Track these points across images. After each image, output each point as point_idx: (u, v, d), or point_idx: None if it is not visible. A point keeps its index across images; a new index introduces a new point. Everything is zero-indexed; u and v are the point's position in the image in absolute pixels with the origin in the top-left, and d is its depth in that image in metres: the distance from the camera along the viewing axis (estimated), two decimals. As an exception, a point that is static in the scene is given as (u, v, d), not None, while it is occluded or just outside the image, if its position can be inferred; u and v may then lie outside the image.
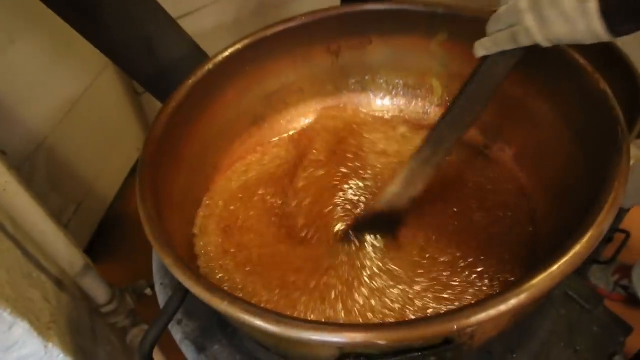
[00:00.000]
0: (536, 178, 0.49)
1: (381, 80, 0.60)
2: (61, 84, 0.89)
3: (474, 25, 0.51)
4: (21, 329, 0.39)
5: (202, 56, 0.63)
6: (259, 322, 0.31)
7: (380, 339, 0.28)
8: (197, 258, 0.48)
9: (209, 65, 0.52)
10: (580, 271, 0.83)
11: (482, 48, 0.41)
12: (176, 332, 0.46)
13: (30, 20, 0.77)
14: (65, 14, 0.54)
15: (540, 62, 0.47)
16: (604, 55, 0.80)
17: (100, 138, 1.01)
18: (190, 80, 0.50)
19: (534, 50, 0.37)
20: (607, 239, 0.83)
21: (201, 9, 0.98)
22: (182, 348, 0.45)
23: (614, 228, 0.82)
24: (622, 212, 0.81)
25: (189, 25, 0.99)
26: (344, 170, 0.53)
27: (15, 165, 0.81)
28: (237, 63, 0.54)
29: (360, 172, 0.53)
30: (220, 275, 0.46)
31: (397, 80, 0.60)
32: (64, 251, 0.52)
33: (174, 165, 0.48)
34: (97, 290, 0.58)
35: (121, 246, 1.05)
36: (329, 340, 0.29)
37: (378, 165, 0.54)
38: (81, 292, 0.61)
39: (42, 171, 0.87)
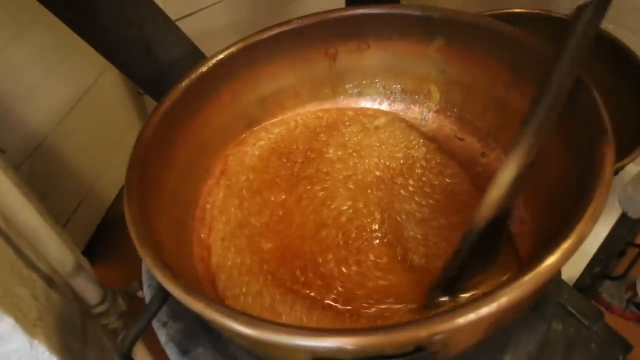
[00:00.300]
0: (530, 189, 0.50)
1: (379, 85, 0.62)
2: (63, 83, 0.93)
3: (470, 31, 0.53)
4: (7, 324, 0.42)
5: (201, 58, 0.65)
6: (232, 325, 0.32)
7: (347, 344, 0.30)
8: (210, 247, 0.52)
9: (203, 68, 0.54)
10: (591, 287, 0.84)
11: None
12: (161, 334, 0.48)
13: (34, 19, 0.80)
14: (62, 15, 0.57)
15: (536, 68, 0.48)
16: (620, 65, 0.82)
17: (101, 138, 1.05)
18: (183, 83, 0.52)
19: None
20: (620, 254, 0.83)
21: (205, 8, 1.01)
22: (167, 350, 0.47)
23: (628, 242, 0.82)
24: (636, 225, 0.82)
25: (193, 25, 1.02)
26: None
27: (15, 164, 0.84)
28: (232, 66, 0.56)
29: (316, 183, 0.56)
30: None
31: (395, 86, 0.62)
32: (56, 250, 0.54)
33: (165, 167, 0.50)
34: (89, 291, 0.60)
35: (120, 247, 1.08)
36: (297, 344, 0.31)
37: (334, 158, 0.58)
38: (73, 292, 0.63)
39: (42, 170, 0.90)
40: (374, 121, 0.61)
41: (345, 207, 0.52)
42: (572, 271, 0.77)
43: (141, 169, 0.46)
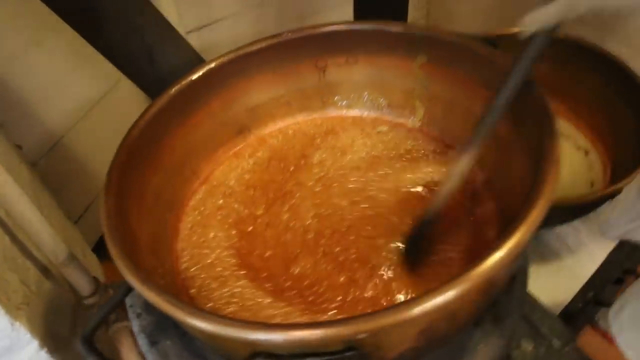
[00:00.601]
0: (499, 205, 0.51)
1: (366, 99, 0.64)
2: (83, 86, 0.99)
3: (451, 49, 0.55)
4: (-11, 305, 0.46)
5: (201, 66, 0.69)
6: (179, 315, 0.35)
7: (276, 338, 0.32)
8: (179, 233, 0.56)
9: (193, 76, 0.57)
10: (584, 312, 0.83)
11: (534, 23, 0.40)
12: (135, 325, 0.52)
13: (55, 25, 0.86)
14: (70, 21, 0.61)
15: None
16: (629, 91, 0.82)
17: (116, 141, 1.09)
18: (173, 89, 0.56)
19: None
20: (618, 280, 0.82)
21: (221, 20, 1.06)
22: (138, 340, 0.51)
23: (626, 269, 0.81)
24: (635, 252, 0.80)
25: (211, 35, 1.07)
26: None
27: (32, 160, 0.90)
28: (223, 75, 0.60)
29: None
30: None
31: (381, 100, 0.64)
32: (49, 241, 0.58)
33: (149, 168, 0.54)
34: (80, 281, 0.64)
35: (129, 247, 1.12)
36: (230, 335, 0.33)
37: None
38: (69, 283, 0.67)
39: (57, 168, 0.96)
40: (377, 127, 0.64)
41: (308, 221, 0.53)
42: (563, 294, 0.77)
43: (123, 168, 0.50)
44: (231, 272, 0.49)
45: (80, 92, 0.98)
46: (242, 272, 0.49)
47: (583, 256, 0.81)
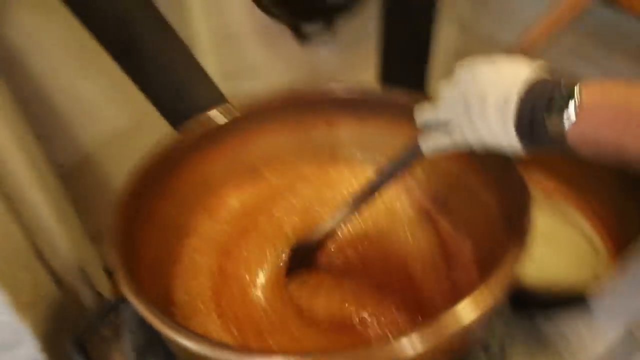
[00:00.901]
0: (481, 273, 0.55)
1: (369, 158, 0.71)
2: (119, 111, 1.07)
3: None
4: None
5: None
6: (154, 322, 0.40)
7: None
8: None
9: (219, 121, 0.65)
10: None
11: (427, 148, 0.51)
12: (126, 340, 0.56)
13: (101, 52, 0.96)
14: (113, 54, 0.69)
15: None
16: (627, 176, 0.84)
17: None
18: (196, 127, 0.64)
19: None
20: None
21: (256, 69, 1.15)
22: (127, 355, 0.55)
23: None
24: (632, 345, 0.80)
25: (243, 82, 1.15)
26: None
27: (61, 174, 0.98)
28: (244, 122, 0.67)
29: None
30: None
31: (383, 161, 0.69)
32: (63, 252, 0.64)
33: (162, 195, 0.60)
34: (85, 294, 0.69)
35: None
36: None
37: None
38: (77, 295, 0.72)
39: (83, 185, 1.03)
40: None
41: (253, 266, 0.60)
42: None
43: (136, 197, 0.56)
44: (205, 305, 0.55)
45: (117, 117, 1.07)
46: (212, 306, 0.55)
47: (578, 347, 0.80)
